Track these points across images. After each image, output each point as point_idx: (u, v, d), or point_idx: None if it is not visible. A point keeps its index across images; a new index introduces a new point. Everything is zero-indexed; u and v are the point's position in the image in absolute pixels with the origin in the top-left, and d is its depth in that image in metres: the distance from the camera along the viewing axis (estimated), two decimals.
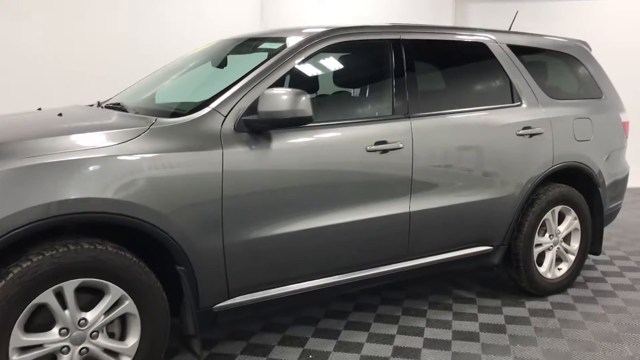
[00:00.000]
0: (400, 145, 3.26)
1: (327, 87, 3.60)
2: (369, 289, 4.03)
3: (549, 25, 8.39)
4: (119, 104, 3.38)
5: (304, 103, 2.76)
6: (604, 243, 5.36)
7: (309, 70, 3.30)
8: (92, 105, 3.58)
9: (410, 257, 3.48)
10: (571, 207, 4.14)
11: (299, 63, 3.10)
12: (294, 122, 2.81)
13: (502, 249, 3.89)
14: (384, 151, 3.20)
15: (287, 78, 3.19)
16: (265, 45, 3.37)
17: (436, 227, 3.52)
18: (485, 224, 3.75)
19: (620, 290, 4.21)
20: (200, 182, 2.65)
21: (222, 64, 3.59)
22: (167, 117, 2.80)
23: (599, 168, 4.23)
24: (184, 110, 2.87)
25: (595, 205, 4.34)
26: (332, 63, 3.52)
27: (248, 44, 3.63)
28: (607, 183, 4.33)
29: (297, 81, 3.27)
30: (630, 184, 8.14)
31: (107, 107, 3.40)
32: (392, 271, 3.40)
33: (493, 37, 3.92)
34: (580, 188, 4.24)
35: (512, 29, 4.32)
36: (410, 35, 3.51)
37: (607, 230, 5.72)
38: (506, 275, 4.10)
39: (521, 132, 3.78)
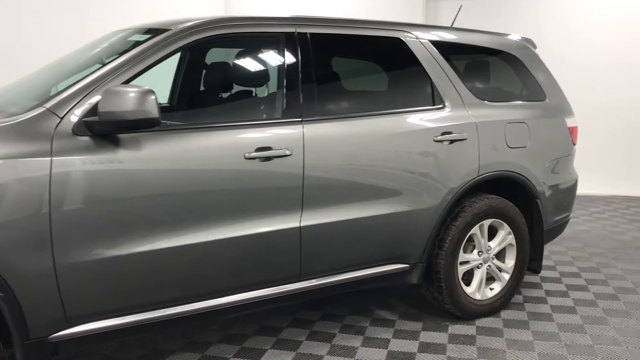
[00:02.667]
0: (288, 153, 2.88)
1: (204, 86, 3.22)
2: (273, 309, 3.66)
3: (526, 22, 8.02)
4: None
5: (151, 103, 2.39)
6: (558, 258, 4.97)
7: (179, 66, 2.93)
8: None
9: (304, 277, 3.09)
10: (504, 221, 3.74)
11: (163, 58, 2.72)
12: (139, 125, 2.43)
13: (421, 266, 3.50)
14: (267, 159, 2.83)
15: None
16: (137, 37, 2.99)
17: (336, 243, 3.14)
18: (397, 240, 3.36)
19: (558, 313, 3.81)
20: (20, 194, 2.29)
21: (102, 59, 3.22)
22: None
23: (538, 178, 3.84)
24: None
25: (534, 218, 3.94)
26: (210, 59, 3.14)
27: (132, 37, 3.25)
28: (547, 194, 3.92)
29: (163, 79, 2.89)
30: (600, 191, 7.82)
31: None
32: (280, 293, 3.02)
33: (413, 33, 3.53)
34: (517, 200, 3.84)
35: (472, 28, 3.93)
36: (308, 28, 3.13)
37: (565, 243, 5.35)
38: (429, 296, 3.70)
39: (439, 137, 3.39)
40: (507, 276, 3.83)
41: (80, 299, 2.48)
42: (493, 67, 4.02)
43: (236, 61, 3.28)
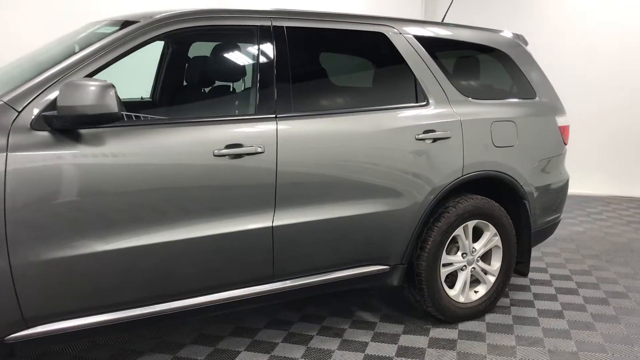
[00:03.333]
0: (260, 150, 2.79)
1: (178, 81, 3.13)
2: (253, 309, 3.58)
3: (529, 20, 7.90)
4: None
5: (110, 97, 2.30)
6: (550, 260, 4.87)
7: (147, 61, 2.84)
8: None
9: (278, 278, 3.00)
10: (489, 222, 3.63)
11: (130, 51, 2.63)
12: (98, 120, 2.34)
13: (401, 268, 3.40)
14: (237, 156, 2.73)
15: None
16: (107, 29, 2.90)
17: (311, 244, 3.05)
18: (377, 241, 3.27)
19: (545, 318, 3.70)
20: None
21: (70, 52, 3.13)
22: None
23: (526, 178, 3.73)
24: None
25: (522, 220, 3.83)
26: (182, 53, 3.05)
27: (102, 29, 3.17)
28: (536, 195, 3.82)
29: (129, 73, 2.80)
30: (599, 192, 7.68)
31: None
32: (252, 295, 2.93)
33: (397, 28, 3.43)
34: (504, 200, 3.74)
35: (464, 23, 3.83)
36: (285, 22, 3.03)
37: (559, 245, 5.24)
38: (411, 299, 3.60)
39: (421, 136, 3.29)
40: (492, 279, 3.73)
41: (38, 300, 2.40)
42: (481, 63, 3.91)
43: (210, 56, 3.19)
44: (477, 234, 3.66)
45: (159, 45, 3.75)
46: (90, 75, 2.50)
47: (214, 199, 2.72)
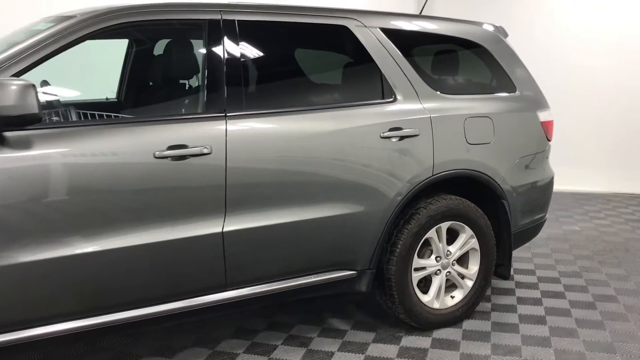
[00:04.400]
0: (206, 151, 2.63)
1: (128, 80, 2.98)
2: (216, 318, 3.42)
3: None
4: None
5: (32, 97, 2.16)
6: (540, 261, 4.67)
7: (83, 59, 2.69)
8: None
9: (232, 287, 2.84)
10: (465, 224, 3.45)
11: (63, 49, 2.47)
12: (19, 122, 2.20)
13: (370, 273, 3.23)
14: (181, 158, 2.58)
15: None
16: (42, 26, 2.75)
17: (268, 250, 2.88)
18: (341, 245, 3.10)
19: (526, 324, 3.51)
20: None
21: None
22: None
23: (504, 176, 3.54)
24: None
25: (501, 220, 3.64)
26: (121, 50, 2.90)
27: (37, 26, 3.01)
28: (516, 194, 3.62)
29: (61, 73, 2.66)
30: (600, 189, 7.43)
31: None
32: (204, 304, 2.77)
33: (361, 21, 3.25)
34: (482, 201, 3.56)
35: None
36: (236, 15, 2.87)
37: (551, 245, 5.05)
38: (383, 305, 3.43)
39: (387, 134, 3.11)
40: (470, 283, 3.54)
41: None
42: (456, 57, 3.73)
43: (156, 53, 3.04)
44: (454, 237, 3.47)
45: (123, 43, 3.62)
46: (19, 74, 2.35)
47: (155, 204, 2.56)
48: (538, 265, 4.61)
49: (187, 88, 2.96)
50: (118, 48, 3.52)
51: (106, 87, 3.74)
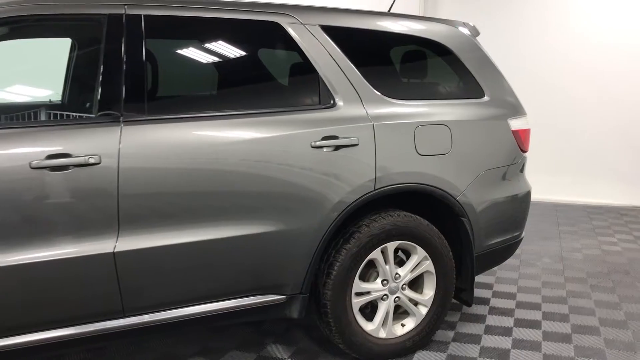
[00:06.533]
0: (92, 161, 2.34)
1: (27, 83, 2.73)
2: (135, 342, 3.14)
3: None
4: None
5: None
6: (525, 283, 4.25)
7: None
8: None
9: (132, 312, 2.54)
10: (416, 244, 3.08)
11: None
12: None
13: (302, 298, 2.89)
14: (61, 168, 2.30)
15: None
16: None
17: (170, 272, 2.58)
18: (266, 266, 2.78)
19: (485, 359, 3.11)
20: None
21: None
22: None
23: (464, 191, 3.15)
24: None
25: (463, 241, 3.26)
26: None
27: None
28: (479, 211, 3.23)
29: None
30: (614, 201, 6.87)
31: None
32: (99, 331, 2.48)
33: (297, 17, 2.92)
34: (442, 218, 3.19)
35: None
36: (142, 10, 2.59)
37: (543, 265, 4.64)
38: (323, 332, 3.09)
39: (319, 143, 2.78)
40: (424, 310, 3.17)
41: None
42: (413, 59, 3.36)
43: (51, 52, 2.77)
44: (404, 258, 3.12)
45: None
46: None
47: (35, 219, 2.29)
48: (522, 288, 4.19)
49: (80, 91, 2.69)
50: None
51: None
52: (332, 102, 2.90)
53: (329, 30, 2.98)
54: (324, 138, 2.79)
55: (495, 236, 3.39)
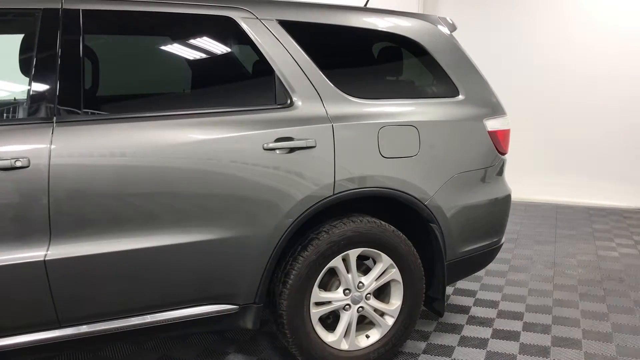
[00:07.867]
0: (19, 164, 2.22)
1: None
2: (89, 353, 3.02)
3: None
4: None
5: None
6: (510, 291, 4.07)
7: None
8: None
9: (68, 323, 2.42)
10: (381, 251, 2.92)
11: None
12: None
13: (256, 308, 2.75)
14: None
15: None
16: None
17: (107, 281, 2.44)
18: (214, 275, 2.64)
19: None
20: None
21: None
22: None
23: (432, 196, 2.98)
24: None
25: (434, 248, 3.09)
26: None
27: None
28: (450, 216, 3.06)
29: None
30: (619, 203, 6.62)
31: None
32: (32, 343, 2.36)
33: (252, 11, 2.77)
34: (412, 225, 3.03)
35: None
36: (81, 4, 2.45)
37: (533, 270, 4.45)
38: (283, 343, 2.94)
39: (271, 145, 2.62)
40: (390, 321, 3.01)
41: None
42: (380, 55, 3.19)
43: None
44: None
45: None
46: None
47: None
48: (506, 295, 4.00)
49: (12, 90, 2.57)
50: None
51: None
52: (288, 101, 2.75)
53: (287, 25, 2.83)
54: (278, 140, 2.64)
55: (470, 243, 3.21)
